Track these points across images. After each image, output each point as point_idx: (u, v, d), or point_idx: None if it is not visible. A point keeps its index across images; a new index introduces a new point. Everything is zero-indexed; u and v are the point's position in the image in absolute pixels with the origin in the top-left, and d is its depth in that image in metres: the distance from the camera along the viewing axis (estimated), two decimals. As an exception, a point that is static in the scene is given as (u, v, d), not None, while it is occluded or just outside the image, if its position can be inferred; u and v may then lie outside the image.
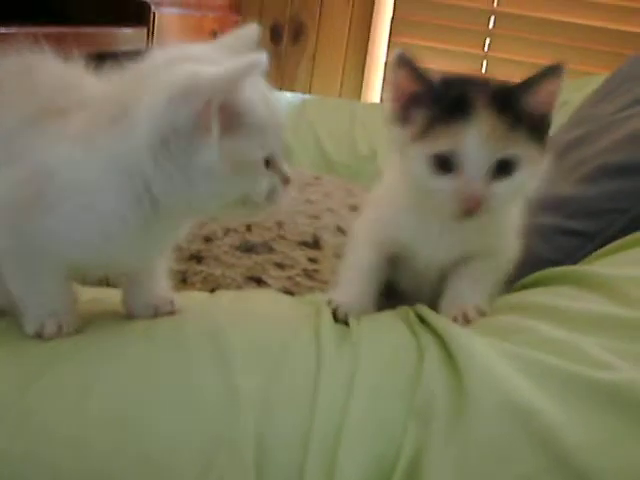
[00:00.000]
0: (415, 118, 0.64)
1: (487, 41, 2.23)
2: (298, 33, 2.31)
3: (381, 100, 2.32)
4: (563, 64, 0.64)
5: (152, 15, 1.60)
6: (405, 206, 0.70)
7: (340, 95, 2.30)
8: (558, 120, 1.40)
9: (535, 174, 0.65)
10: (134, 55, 1.38)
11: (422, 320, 0.65)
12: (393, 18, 2.27)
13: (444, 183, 0.62)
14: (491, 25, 2.22)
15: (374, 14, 2.25)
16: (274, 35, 2.33)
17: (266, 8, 2.32)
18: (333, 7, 2.27)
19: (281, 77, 2.34)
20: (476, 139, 0.60)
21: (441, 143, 0.61)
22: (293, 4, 2.29)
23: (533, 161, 0.64)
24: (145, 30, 1.58)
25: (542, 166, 0.65)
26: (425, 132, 0.62)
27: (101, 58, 1.42)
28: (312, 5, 2.28)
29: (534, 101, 0.63)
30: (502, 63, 2.22)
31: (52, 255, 0.59)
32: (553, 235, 0.92)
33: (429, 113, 0.63)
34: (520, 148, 0.62)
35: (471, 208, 0.61)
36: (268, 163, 0.58)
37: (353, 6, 2.25)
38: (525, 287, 0.77)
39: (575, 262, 0.86)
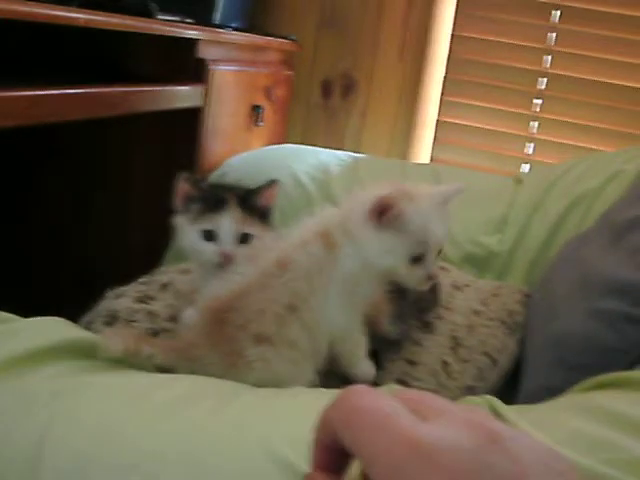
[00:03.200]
0: (191, 209, 0.95)
1: (538, 102, 2.23)
2: (349, 89, 2.33)
3: (431, 159, 2.32)
4: (277, 180, 1.00)
5: (209, 72, 1.64)
6: None
7: (389, 152, 2.31)
8: (613, 192, 1.40)
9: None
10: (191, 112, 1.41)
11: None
12: (445, 77, 2.28)
13: (209, 246, 0.93)
14: (542, 86, 2.22)
15: (425, 72, 2.27)
16: (325, 91, 2.36)
17: (317, 64, 2.35)
18: (384, 64, 2.29)
19: (330, 132, 2.36)
20: (228, 222, 0.93)
21: (208, 224, 0.93)
22: (344, 60, 2.32)
23: (261, 236, 0.94)
24: (202, 87, 1.61)
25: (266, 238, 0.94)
26: (197, 218, 0.94)
27: (160, 114, 1.46)
28: (363, 61, 2.31)
29: (261, 200, 0.97)
30: (552, 124, 2.21)
31: None
32: (619, 323, 0.90)
33: (200, 206, 0.95)
34: (254, 228, 0.94)
35: (227, 259, 0.92)
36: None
37: (404, 63, 2.27)
38: (599, 387, 0.73)
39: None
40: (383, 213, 0.78)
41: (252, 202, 0.97)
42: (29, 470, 0.55)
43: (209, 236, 0.94)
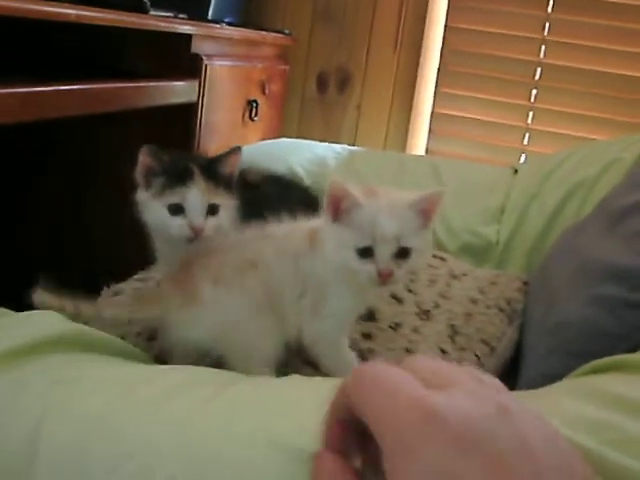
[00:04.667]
0: (154, 183, 0.91)
1: (533, 92, 2.23)
2: (344, 83, 2.33)
3: (427, 151, 2.32)
4: (241, 146, 0.97)
5: (204, 67, 1.63)
6: None
7: (385, 145, 2.31)
8: (610, 180, 1.40)
9: (231, 213, 0.94)
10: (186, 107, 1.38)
11: None
12: (439, 69, 2.28)
13: (177, 221, 0.90)
14: (537, 76, 2.22)
15: (420, 64, 2.26)
16: (320, 84, 2.35)
17: (312, 58, 2.34)
18: (379, 57, 2.29)
19: (326, 126, 2.36)
20: (195, 194, 0.89)
21: (174, 198, 0.89)
22: (339, 54, 2.32)
23: (229, 205, 0.93)
24: (197, 82, 1.61)
25: (233, 207, 0.95)
26: (162, 192, 0.90)
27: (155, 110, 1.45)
28: (358, 55, 2.31)
29: (226, 168, 0.94)
30: (548, 114, 2.21)
31: None
32: (616, 308, 0.89)
33: (164, 179, 0.91)
34: (220, 197, 0.92)
35: (197, 232, 0.89)
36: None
37: (399, 56, 2.27)
38: (597, 371, 0.73)
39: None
40: (336, 206, 0.77)
41: (217, 171, 0.93)
42: (24, 463, 0.55)
43: (176, 210, 0.90)
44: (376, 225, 0.75)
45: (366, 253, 0.76)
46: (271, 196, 1.11)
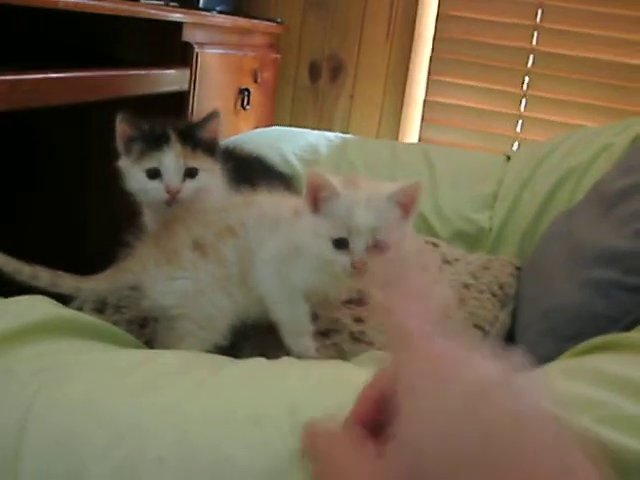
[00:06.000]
0: (133, 149, 0.93)
1: (526, 79, 2.22)
2: (336, 71, 2.32)
3: (419, 140, 2.32)
4: (219, 111, 0.97)
5: (195, 56, 1.63)
6: None
7: (378, 133, 2.30)
8: (602, 165, 1.40)
9: (212, 176, 0.96)
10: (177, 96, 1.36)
11: None
12: (432, 56, 2.28)
13: (154, 184, 0.92)
14: (530, 64, 2.22)
15: (412, 52, 2.26)
16: (312, 73, 2.35)
17: (304, 46, 2.34)
18: (371, 45, 2.28)
19: (319, 114, 2.35)
20: (170, 157, 0.91)
21: (151, 162, 0.91)
22: (331, 42, 2.31)
23: (209, 169, 0.95)
24: (188, 71, 1.60)
25: (216, 172, 0.97)
26: (140, 157, 0.92)
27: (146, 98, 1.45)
28: (350, 43, 2.30)
29: (205, 132, 0.95)
30: (540, 101, 2.21)
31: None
32: (610, 290, 0.90)
33: (141, 145, 0.93)
34: (199, 161, 0.93)
35: (173, 195, 0.91)
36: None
37: (391, 44, 2.26)
38: (590, 351, 0.73)
39: (636, 319, 0.83)
40: (315, 196, 0.77)
41: (195, 135, 0.94)
42: (12, 449, 0.54)
43: (154, 174, 0.92)
44: (352, 217, 0.75)
45: (341, 244, 0.76)
46: (256, 170, 1.14)
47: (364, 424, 0.40)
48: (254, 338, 0.87)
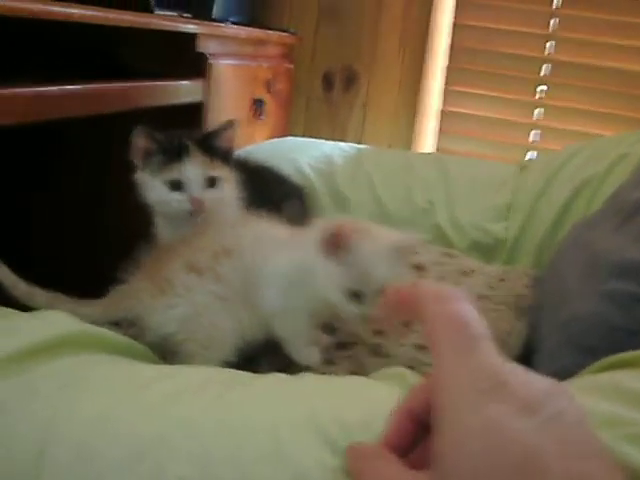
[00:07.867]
0: (151, 162, 0.94)
1: (541, 89, 2.21)
2: (350, 81, 2.32)
3: (437, 150, 2.31)
4: (235, 120, 0.98)
5: (209, 67, 1.63)
6: None
7: (391, 143, 2.30)
8: (619, 175, 1.39)
9: (231, 185, 0.97)
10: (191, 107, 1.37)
11: None
12: (448, 67, 2.27)
13: (177, 196, 0.92)
14: (545, 73, 2.21)
15: (426, 62, 2.25)
16: (326, 83, 2.35)
17: (318, 57, 2.34)
18: (385, 55, 2.28)
19: (332, 125, 2.35)
20: (192, 167, 0.91)
21: (173, 174, 0.92)
22: (345, 53, 2.31)
23: (228, 178, 0.96)
24: (202, 82, 1.60)
25: (233, 181, 0.98)
26: (160, 169, 0.92)
27: (160, 110, 1.45)
28: (364, 53, 2.30)
29: (221, 141, 0.96)
30: (555, 111, 2.20)
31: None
32: (628, 303, 0.88)
33: (161, 157, 0.93)
34: (218, 170, 0.94)
35: (198, 205, 0.92)
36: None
37: (404, 54, 2.26)
38: (612, 367, 0.72)
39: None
40: (334, 244, 0.77)
41: (212, 145, 0.95)
42: (33, 466, 0.54)
43: (176, 186, 0.92)
44: (371, 273, 0.76)
45: (356, 296, 0.77)
46: (270, 181, 1.14)
47: (394, 448, 0.39)
48: (272, 354, 0.86)
